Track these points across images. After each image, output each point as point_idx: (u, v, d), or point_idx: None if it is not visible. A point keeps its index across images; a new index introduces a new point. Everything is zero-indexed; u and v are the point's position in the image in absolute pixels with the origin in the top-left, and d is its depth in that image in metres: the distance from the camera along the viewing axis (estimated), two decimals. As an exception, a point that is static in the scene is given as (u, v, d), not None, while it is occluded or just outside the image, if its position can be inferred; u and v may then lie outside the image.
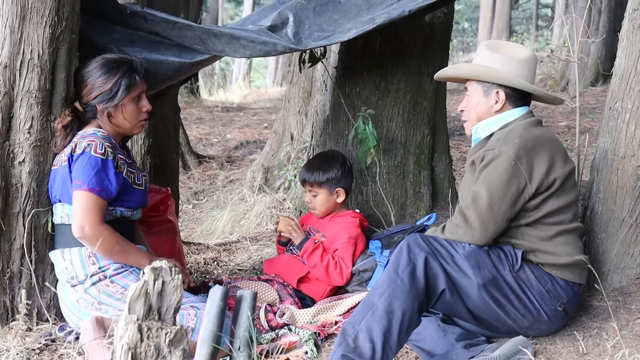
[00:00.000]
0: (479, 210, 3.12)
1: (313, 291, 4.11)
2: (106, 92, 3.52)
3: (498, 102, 3.35)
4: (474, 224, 3.12)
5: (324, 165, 4.30)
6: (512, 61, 3.34)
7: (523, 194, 3.15)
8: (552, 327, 3.25)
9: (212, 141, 11.41)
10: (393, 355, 2.95)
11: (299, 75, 8.09)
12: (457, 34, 27.56)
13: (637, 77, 3.55)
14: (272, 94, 18.32)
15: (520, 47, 3.50)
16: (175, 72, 3.98)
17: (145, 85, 3.63)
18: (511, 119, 3.34)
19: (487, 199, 3.12)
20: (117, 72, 3.53)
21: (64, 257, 3.49)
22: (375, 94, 4.63)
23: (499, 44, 3.51)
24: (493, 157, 3.16)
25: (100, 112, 3.56)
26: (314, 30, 4.00)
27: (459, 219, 3.17)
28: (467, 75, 3.42)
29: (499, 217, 3.13)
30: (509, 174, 3.13)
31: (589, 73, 11.31)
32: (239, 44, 3.86)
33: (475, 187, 3.18)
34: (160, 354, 2.37)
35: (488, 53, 3.38)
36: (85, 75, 3.57)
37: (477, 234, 3.12)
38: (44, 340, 3.43)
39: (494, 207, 3.12)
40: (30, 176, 3.52)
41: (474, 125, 3.42)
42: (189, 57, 3.91)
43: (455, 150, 7.77)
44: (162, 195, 4.24)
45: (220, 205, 7.63)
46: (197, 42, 3.87)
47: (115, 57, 3.59)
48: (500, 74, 3.31)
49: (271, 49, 3.91)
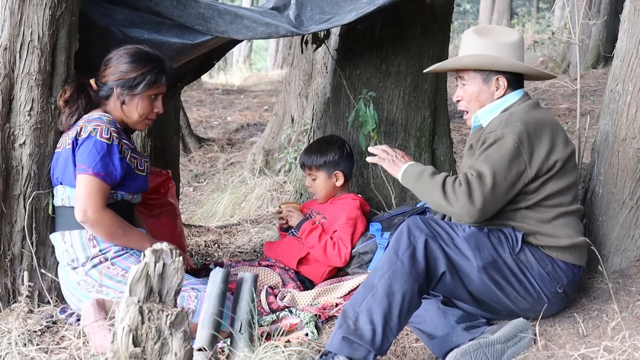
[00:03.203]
0: (484, 188, 3.09)
1: (312, 273, 4.12)
2: (129, 79, 3.51)
3: (499, 88, 3.34)
4: (477, 201, 3.08)
5: (322, 149, 4.32)
6: (505, 46, 3.33)
7: (522, 178, 3.15)
8: (552, 309, 3.25)
9: (213, 124, 11.40)
10: (393, 337, 2.96)
11: (300, 58, 8.07)
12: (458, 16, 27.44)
13: (638, 59, 3.54)
14: (273, 76, 18.30)
15: (506, 29, 3.49)
16: (177, 54, 3.96)
17: (165, 88, 3.63)
18: (510, 102, 3.34)
19: (490, 179, 3.10)
20: (147, 65, 3.53)
21: (65, 239, 3.49)
22: (376, 77, 4.62)
23: (487, 29, 3.48)
24: (496, 139, 3.15)
25: (115, 96, 3.55)
26: (316, 12, 3.98)
27: (464, 188, 3.10)
28: (472, 67, 3.38)
29: (498, 199, 3.13)
30: (511, 157, 3.12)
31: (590, 55, 11.29)
32: (242, 24, 3.85)
33: (477, 165, 3.15)
34: (161, 336, 2.38)
35: (479, 40, 3.35)
36: (113, 58, 3.55)
37: (475, 211, 3.09)
38: (46, 322, 3.44)
39: (496, 188, 3.11)
40: (30, 158, 3.51)
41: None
42: (190, 39, 3.89)
43: (456, 133, 7.76)
44: (162, 177, 4.24)
45: (220, 187, 7.63)
46: (199, 21, 3.85)
47: (149, 51, 3.59)
48: (505, 61, 3.30)
49: (273, 32, 3.90)
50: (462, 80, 3.42)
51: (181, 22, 3.85)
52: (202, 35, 3.90)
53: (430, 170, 3.26)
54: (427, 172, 3.24)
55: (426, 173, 3.24)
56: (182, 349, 2.40)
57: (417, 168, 3.32)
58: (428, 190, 3.20)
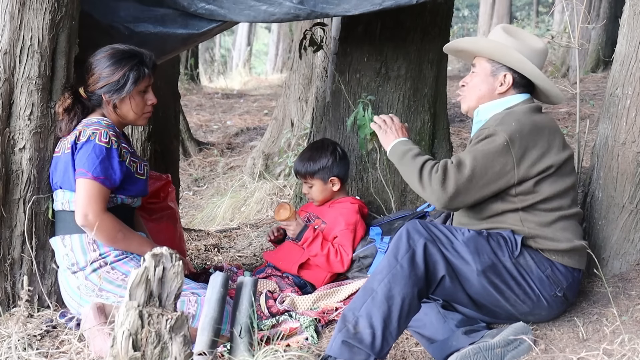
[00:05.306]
0: (459, 177, 3.12)
1: (314, 277, 4.12)
2: (113, 83, 3.50)
3: (503, 84, 3.35)
4: (449, 188, 3.12)
5: (314, 156, 4.29)
6: (526, 48, 3.33)
7: (506, 177, 3.15)
8: (552, 312, 3.25)
9: (213, 128, 11.41)
10: (393, 341, 2.96)
11: (299, 62, 8.08)
12: (457, 21, 27.48)
13: (637, 63, 3.54)
14: (273, 80, 18.31)
15: (535, 37, 3.49)
16: (182, 44, 4.03)
17: (152, 78, 3.62)
18: (513, 103, 3.34)
19: (469, 170, 3.12)
20: (126, 64, 3.51)
21: (65, 243, 3.49)
22: (375, 81, 4.62)
23: (516, 29, 3.48)
24: (488, 134, 3.18)
25: (105, 102, 3.54)
26: (319, 1, 3.96)
27: (439, 174, 3.15)
28: (483, 51, 3.40)
29: (472, 191, 3.15)
30: (496, 153, 3.13)
31: (589, 59, 11.30)
32: (245, 4, 3.85)
33: (461, 155, 3.19)
34: (161, 340, 2.38)
35: (504, 36, 3.37)
36: (93, 64, 3.53)
37: (445, 198, 3.14)
38: (45, 326, 3.44)
39: (473, 180, 3.13)
40: (30, 163, 3.51)
41: (470, 102, 3.42)
42: (195, 28, 3.91)
43: (456, 137, 7.76)
44: (162, 182, 4.23)
45: (220, 191, 7.64)
46: (202, 3, 3.86)
47: (125, 49, 3.56)
48: (516, 55, 3.30)
49: (276, 10, 3.88)
50: (473, 67, 3.45)
51: (184, 4, 3.85)
52: (207, 24, 3.92)
53: (415, 151, 3.31)
54: (412, 153, 3.31)
55: (410, 153, 3.31)
56: (182, 353, 2.40)
57: (404, 147, 3.37)
58: (407, 170, 3.28)
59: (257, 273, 4.18)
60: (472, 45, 3.47)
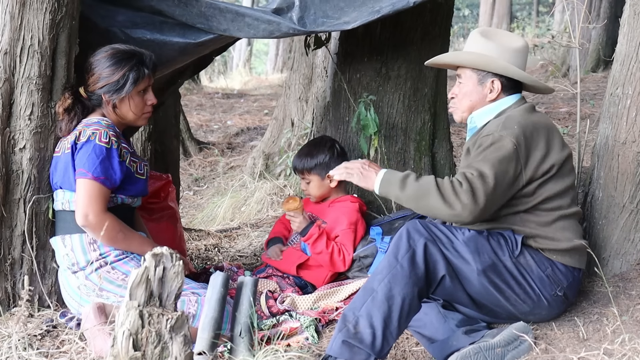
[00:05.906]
0: (487, 188, 3.03)
1: (313, 277, 4.12)
2: (113, 83, 3.50)
3: (493, 91, 3.34)
4: (480, 200, 3.02)
5: (311, 152, 4.31)
6: (507, 50, 3.32)
7: (517, 181, 3.14)
8: (553, 312, 3.25)
9: (213, 128, 11.41)
10: (393, 341, 2.96)
11: (300, 62, 8.07)
12: (457, 20, 27.48)
13: (638, 63, 3.54)
14: (273, 80, 18.32)
15: (513, 35, 3.48)
16: (180, 53, 3.96)
17: (152, 79, 3.62)
18: (506, 106, 3.34)
19: (492, 179, 3.04)
20: (126, 64, 3.50)
21: (65, 243, 3.49)
22: (375, 80, 4.62)
23: (493, 32, 3.47)
24: (494, 141, 3.12)
25: (105, 102, 3.54)
26: (319, 16, 3.99)
27: (466, 188, 3.02)
28: (466, 64, 3.38)
29: (497, 199, 3.11)
30: (509, 159, 3.10)
31: (590, 59, 11.30)
32: (243, 22, 3.85)
33: (476, 165, 3.09)
34: (161, 340, 2.38)
35: (483, 41, 3.36)
36: (93, 64, 3.53)
37: (479, 210, 3.02)
38: (46, 326, 3.44)
39: (497, 189, 3.06)
40: (31, 163, 3.51)
41: (463, 113, 3.41)
42: (192, 38, 3.89)
43: (456, 137, 7.77)
44: (162, 181, 4.24)
45: (220, 191, 7.63)
46: (201, 20, 3.85)
47: (125, 49, 3.55)
48: (500, 63, 3.29)
49: (275, 29, 3.89)
50: (459, 78, 3.42)
51: (183, 20, 3.85)
52: (205, 35, 3.89)
53: (412, 175, 3.15)
54: (412, 177, 3.13)
55: (410, 178, 3.13)
56: (182, 353, 2.40)
57: (397, 175, 3.19)
58: (417, 194, 3.09)
59: (257, 273, 4.18)
60: (454, 60, 3.46)
